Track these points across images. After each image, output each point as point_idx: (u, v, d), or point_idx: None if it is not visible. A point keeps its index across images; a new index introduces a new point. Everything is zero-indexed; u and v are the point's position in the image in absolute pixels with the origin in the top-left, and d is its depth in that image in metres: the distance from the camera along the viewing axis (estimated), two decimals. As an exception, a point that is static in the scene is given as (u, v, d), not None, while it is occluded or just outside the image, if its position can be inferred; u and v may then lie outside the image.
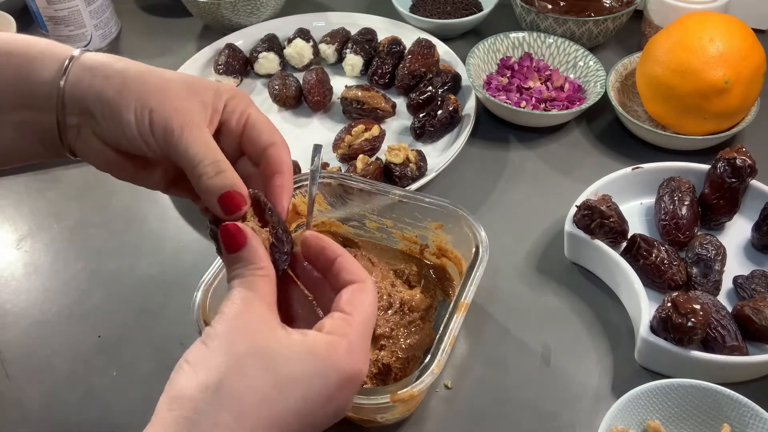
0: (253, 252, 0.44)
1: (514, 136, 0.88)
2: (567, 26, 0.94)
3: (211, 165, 0.45)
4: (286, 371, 0.40)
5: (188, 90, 0.47)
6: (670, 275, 0.67)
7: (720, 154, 0.72)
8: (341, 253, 0.48)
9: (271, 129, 0.51)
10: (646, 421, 0.57)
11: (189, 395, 0.39)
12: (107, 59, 0.47)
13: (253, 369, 0.39)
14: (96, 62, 0.47)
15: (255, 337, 0.40)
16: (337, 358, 0.42)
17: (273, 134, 0.50)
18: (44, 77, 0.46)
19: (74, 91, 0.46)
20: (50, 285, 0.74)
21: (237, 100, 0.49)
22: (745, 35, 0.79)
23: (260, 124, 0.50)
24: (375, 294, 0.47)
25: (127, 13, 1.15)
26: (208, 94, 0.48)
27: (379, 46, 0.98)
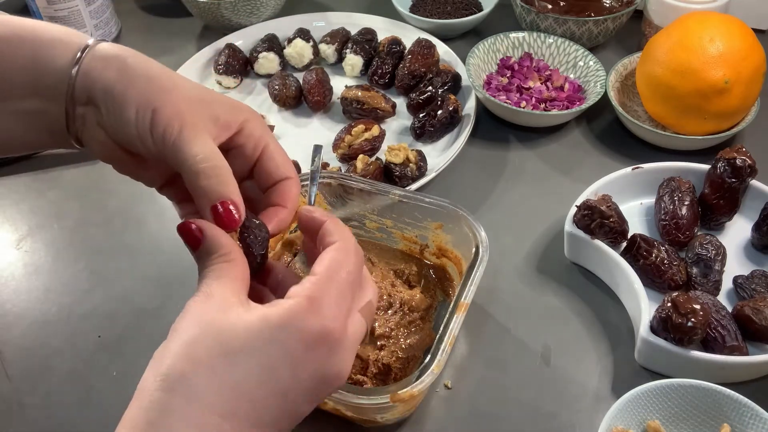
0: (213, 241, 0.43)
1: (514, 136, 0.88)
2: (567, 26, 0.94)
3: (210, 166, 0.44)
4: (236, 343, 0.38)
5: (199, 99, 0.46)
6: (670, 275, 0.67)
7: (720, 154, 0.72)
8: (327, 218, 0.47)
9: (287, 162, 0.50)
10: (646, 421, 0.57)
11: (144, 386, 0.38)
12: (122, 52, 0.46)
13: (201, 348, 0.38)
14: (110, 53, 0.45)
15: (207, 318, 0.39)
16: (296, 320, 0.40)
17: (289, 168, 0.49)
18: (57, 65, 0.45)
19: (84, 81, 0.45)
20: (50, 285, 0.74)
21: (254, 124, 0.48)
22: (745, 35, 0.79)
23: (278, 155, 0.49)
24: (352, 251, 0.45)
25: (127, 13, 1.15)
26: (222, 108, 0.46)
27: (379, 46, 0.98)
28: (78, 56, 0.45)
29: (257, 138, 0.48)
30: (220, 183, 0.44)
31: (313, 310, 0.40)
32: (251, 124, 0.48)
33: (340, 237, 0.45)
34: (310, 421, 0.61)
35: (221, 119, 0.46)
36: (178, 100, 0.44)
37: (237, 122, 0.47)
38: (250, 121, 0.48)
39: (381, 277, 0.67)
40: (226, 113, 0.47)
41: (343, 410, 0.58)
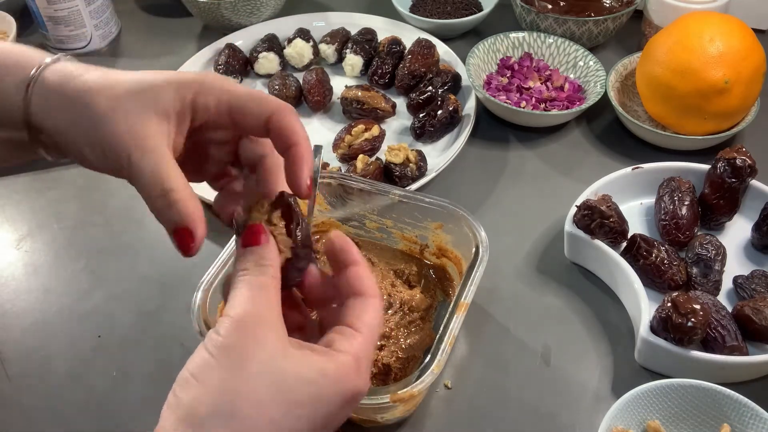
0: (268, 250, 0.42)
1: (514, 136, 0.88)
2: (567, 26, 0.94)
3: (160, 197, 0.42)
4: (297, 394, 0.38)
5: (142, 103, 0.42)
6: (670, 275, 0.67)
7: (720, 154, 0.72)
8: (360, 261, 0.45)
9: (261, 99, 0.45)
10: (646, 421, 0.57)
11: (200, 419, 0.37)
12: (63, 78, 0.43)
13: (264, 392, 0.38)
14: (52, 86, 0.44)
15: (265, 353, 0.38)
16: (346, 380, 0.40)
17: (267, 103, 0.44)
18: (8, 98, 0.44)
19: (36, 120, 0.44)
20: (50, 285, 0.74)
21: (206, 92, 0.44)
22: (745, 35, 0.79)
23: (245, 100, 0.44)
24: (382, 313, 0.45)
25: (127, 13, 1.15)
26: (166, 98, 0.43)
27: (379, 46, 0.98)
28: (27, 91, 0.44)
29: (215, 101, 0.44)
30: (172, 212, 0.42)
31: (358, 371, 0.41)
32: (202, 96, 0.44)
33: (374, 292, 0.44)
34: (310, 421, 0.62)
35: (172, 112, 0.43)
36: (120, 120, 0.42)
37: (188, 103, 0.44)
38: (201, 93, 0.44)
39: (381, 277, 0.67)
40: (173, 101, 0.43)
41: (343, 410, 0.58)
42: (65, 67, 0.44)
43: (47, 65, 0.44)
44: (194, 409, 0.37)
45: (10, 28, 1.01)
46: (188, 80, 0.44)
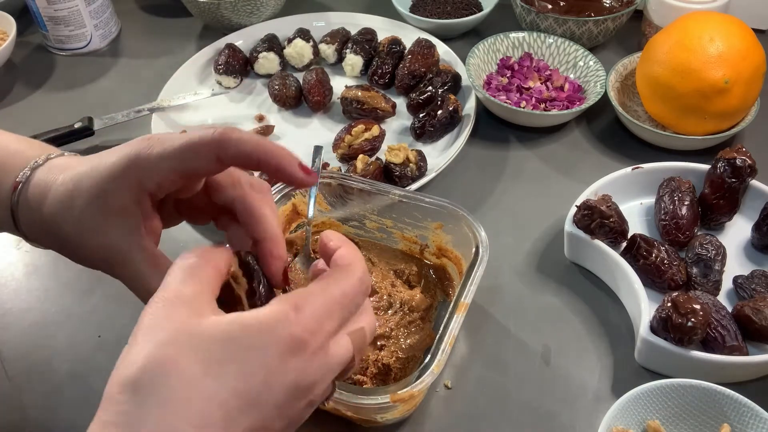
0: None
1: (514, 136, 0.88)
2: (567, 26, 0.94)
3: (147, 298, 0.41)
4: (215, 350, 0.36)
5: (99, 212, 0.45)
6: (670, 275, 0.67)
7: (720, 154, 0.72)
8: (343, 244, 0.45)
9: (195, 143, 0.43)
10: (646, 421, 0.57)
11: (110, 394, 0.37)
12: (39, 197, 0.47)
13: (174, 354, 0.36)
14: (33, 203, 0.47)
15: (178, 322, 0.37)
16: (277, 327, 0.37)
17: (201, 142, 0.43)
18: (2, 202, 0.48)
19: (23, 226, 0.49)
20: (50, 285, 0.74)
21: (146, 171, 0.44)
22: (745, 35, 0.79)
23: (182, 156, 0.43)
24: (357, 277, 0.42)
25: (127, 13, 1.15)
26: (117, 197, 0.44)
27: (379, 46, 0.98)
28: (10, 204, 0.48)
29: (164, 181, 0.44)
30: None
31: (293, 318, 0.38)
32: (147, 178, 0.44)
33: (350, 261, 0.43)
34: (311, 421, 0.61)
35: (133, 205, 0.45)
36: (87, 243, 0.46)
37: (136, 191, 0.45)
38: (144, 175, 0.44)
39: (381, 277, 0.67)
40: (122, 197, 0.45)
41: (343, 410, 0.58)
42: (39, 180, 0.47)
43: (29, 178, 0.48)
44: (108, 387, 0.38)
45: (10, 28, 1.01)
46: (127, 167, 0.44)
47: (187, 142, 0.43)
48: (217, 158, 0.43)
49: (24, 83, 1.02)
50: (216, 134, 0.43)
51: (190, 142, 0.43)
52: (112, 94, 1.00)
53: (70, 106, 0.97)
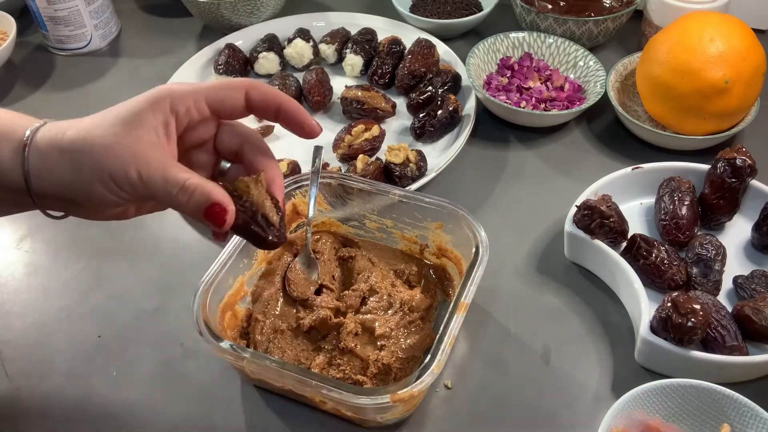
0: None
1: (514, 136, 0.88)
2: (567, 26, 0.94)
3: (180, 193, 0.46)
4: None
5: (129, 127, 0.47)
6: (670, 275, 0.67)
7: (720, 154, 0.72)
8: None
9: (231, 83, 0.50)
10: (647, 421, 0.57)
11: None
12: (53, 138, 0.47)
13: None
14: (46, 145, 0.47)
15: None
16: None
17: (238, 84, 0.50)
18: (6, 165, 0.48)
19: (36, 180, 0.48)
20: (50, 285, 0.74)
21: (179, 98, 0.48)
22: (745, 35, 0.79)
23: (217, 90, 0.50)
24: None
25: (127, 13, 1.15)
26: (147, 116, 0.47)
27: (379, 46, 0.98)
28: (21, 159, 0.47)
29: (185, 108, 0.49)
30: (196, 199, 0.46)
31: None
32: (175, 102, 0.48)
33: None
34: (311, 421, 0.62)
35: (159, 124, 0.48)
36: (120, 151, 0.46)
37: (168, 112, 0.48)
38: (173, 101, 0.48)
39: (381, 277, 0.67)
40: (154, 115, 0.47)
41: (343, 410, 0.58)
42: (49, 129, 0.48)
43: (36, 129, 0.48)
44: None
45: (10, 28, 1.01)
46: (160, 95, 0.48)
47: (221, 80, 0.51)
48: (246, 96, 0.50)
49: (24, 83, 1.02)
50: (247, 78, 0.51)
51: (223, 80, 0.51)
52: (112, 94, 1.00)
53: (70, 106, 0.97)
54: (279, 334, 0.64)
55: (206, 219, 0.46)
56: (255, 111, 0.51)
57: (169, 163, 0.47)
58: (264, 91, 0.50)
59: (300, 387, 0.55)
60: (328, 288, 0.67)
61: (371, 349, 0.61)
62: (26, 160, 0.47)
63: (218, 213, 0.46)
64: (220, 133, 0.53)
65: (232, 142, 0.53)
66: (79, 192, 0.47)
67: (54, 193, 0.48)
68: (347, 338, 0.62)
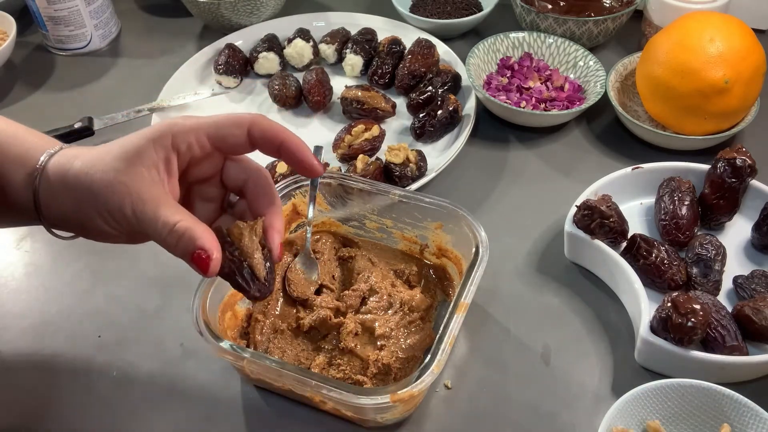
0: None
1: (514, 136, 0.88)
2: (567, 26, 0.94)
3: (170, 235, 0.46)
4: None
5: (129, 163, 0.47)
6: (670, 275, 0.67)
7: (720, 154, 0.72)
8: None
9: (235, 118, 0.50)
10: (646, 421, 0.57)
11: None
12: (61, 169, 0.49)
13: None
14: (55, 177, 0.49)
15: None
16: None
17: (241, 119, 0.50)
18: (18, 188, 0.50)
19: (44, 206, 0.50)
20: (50, 285, 0.74)
21: (181, 134, 0.49)
22: (745, 35, 0.79)
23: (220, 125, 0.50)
24: None
25: (127, 13, 1.15)
26: (148, 152, 0.48)
27: (379, 46, 0.98)
28: (32, 187, 0.50)
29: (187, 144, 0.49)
30: (184, 243, 0.46)
31: None
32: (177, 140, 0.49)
33: None
34: (311, 421, 0.62)
35: (160, 161, 0.48)
36: (118, 188, 0.47)
37: (168, 149, 0.49)
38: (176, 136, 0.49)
39: (381, 277, 0.67)
40: (155, 153, 0.48)
41: (343, 410, 0.58)
42: (60, 157, 0.50)
43: (50, 156, 0.50)
44: None
45: (10, 28, 1.01)
46: (162, 131, 0.49)
47: (224, 116, 0.51)
48: (248, 132, 0.50)
49: (24, 83, 1.02)
50: (250, 114, 0.51)
51: (226, 116, 0.51)
52: (112, 94, 1.00)
53: (70, 106, 0.97)
54: (279, 334, 0.64)
55: (193, 263, 0.47)
56: (258, 147, 0.51)
57: (164, 203, 0.47)
58: (265, 128, 0.50)
59: (300, 387, 0.55)
60: (328, 288, 0.67)
61: (371, 349, 0.61)
62: (37, 189, 0.49)
63: (204, 260, 0.46)
64: (226, 167, 0.53)
65: (237, 177, 0.53)
66: (82, 223, 0.49)
67: (61, 221, 0.50)
68: (347, 338, 0.62)
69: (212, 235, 0.47)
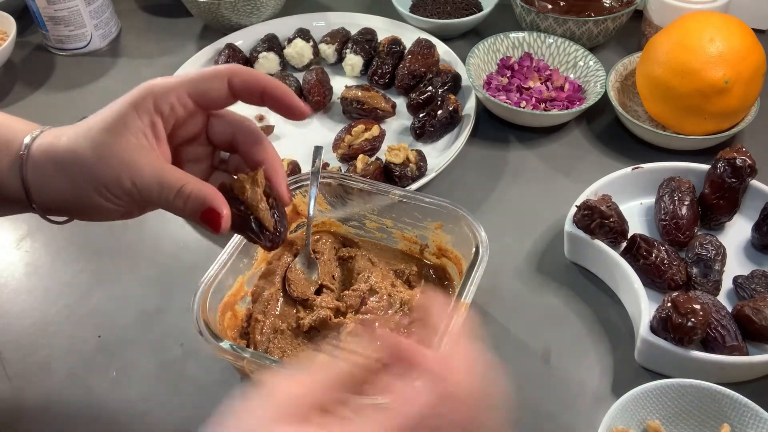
0: None
1: (514, 136, 0.88)
2: (567, 26, 0.94)
3: (177, 198, 0.46)
4: None
5: (116, 132, 0.46)
6: (670, 275, 0.67)
7: (720, 154, 0.72)
8: None
9: (213, 72, 0.48)
10: (646, 421, 0.57)
11: None
12: (48, 148, 0.47)
13: None
14: (41, 157, 0.47)
15: None
16: None
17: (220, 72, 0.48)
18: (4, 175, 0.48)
19: (35, 189, 0.48)
20: (50, 285, 0.74)
21: (162, 96, 0.47)
22: (745, 35, 0.79)
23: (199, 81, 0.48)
24: None
25: (127, 13, 1.15)
26: (132, 119, 0.47)
27: (379, 46, 0.98)
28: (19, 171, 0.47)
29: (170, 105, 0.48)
30: (192, 204, 0.46)
31: None
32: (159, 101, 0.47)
33: None
34: (310, 421, 0.61)
35: (146, 125, 0.47)
36: (110, 159, 0.46)
37: (152, 113, 0.47)
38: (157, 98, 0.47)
39: (381, 277, 0.67)
40: (139, 117, 0.47)
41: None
42: (44, 138, 0.48)
43: (33, 139, 0.48)
44: None
45: (10, 28, 1.01)
46: (142, 94, 0.47)
47: (201, 71, 0.49)
48: (228, 83, 0.48)
49: (24, 83, 1.02)
50: (227, 65, 0.49)
51: (204, 70, 0.49)
52: (112, 94, 0.98)
53: (70, 106, 0.97)
54: (279, 334, 0.64)
55: (203, 223, 0.46)
56: (240, 98, 0.49)
57: (162, 168, 0.46)
58: (246, 77, 0.48)
59: (300, 387, 0.55)
60: (328, 288, 0.67)
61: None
62: (25, 174, 0.47)
63: (214, 218, 0.46)
64: (210, 124, 0.52)
65: (224, 132, 0.51)
66: (79, 202, 0.47)
67: (56, 203, 0.49)
68: (347, 338, 0.62)
69: (218, 192, 0.47)
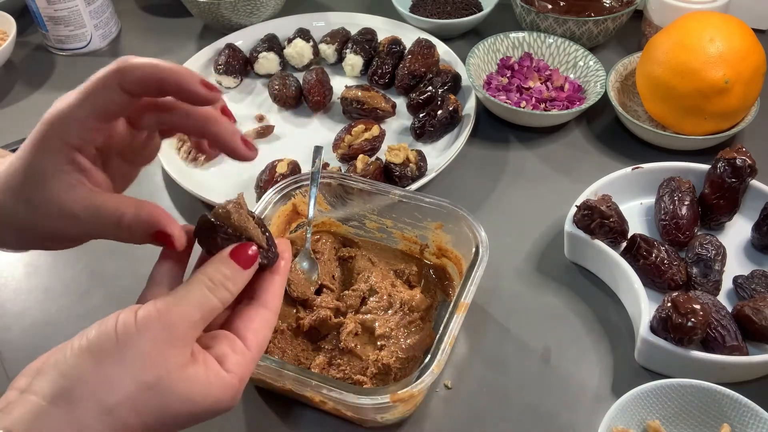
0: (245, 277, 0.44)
1: (514, 136, 0.88)
2: (567, 26, 0.94)
3: (120, 231, 0.43)
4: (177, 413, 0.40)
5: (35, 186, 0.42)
6: (670, 275, 0.67)
7: (720, 154, 0.72)
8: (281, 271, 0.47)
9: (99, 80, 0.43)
10: (646, 421, 0.57)
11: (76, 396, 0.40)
12: None
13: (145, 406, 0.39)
14: None
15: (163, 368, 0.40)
16: (224, 400, 0.41)
17: None
18: None
19: None
20: (50, 285, 0.74)
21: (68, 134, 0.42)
22: (745, 35, 0.79)
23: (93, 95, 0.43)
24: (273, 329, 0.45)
25: (127, 13, 1.15)
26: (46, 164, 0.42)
27: (379, 46, 0.98)
28: None
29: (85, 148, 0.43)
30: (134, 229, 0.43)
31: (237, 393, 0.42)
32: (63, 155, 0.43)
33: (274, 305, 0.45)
34: (311, 421, 0.62)
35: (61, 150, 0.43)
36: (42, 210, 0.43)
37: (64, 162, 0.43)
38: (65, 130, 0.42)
39: (381, 277, 0.67)
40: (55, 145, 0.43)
41: (343, 410, 0.58)
42: None
43: None
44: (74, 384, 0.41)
45: (10, 28, 1.01)
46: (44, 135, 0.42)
47: (87, 84, 0.43)
48: (120, 88, 0.43)
49: (24, 83, 1.02)
50: (112, 64, 0.44)
51: (89, 83, 0.43)
52: (112, 94, 0.99)
53: (70, 106, 0.97)
54: (279, 334, 0.64)
55: (158, 244, 0.44)
56: (143, 96, 0.45)
57: (94, 205, 0.43)
58: (135, 72, 0.44)
59: (300, 387, 0.55)
60: (328, 288, 0.67)
61: (371, 349, 0.61)
62: None
63: (167, 240, 0.44)
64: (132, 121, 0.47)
65: (147, 122, 0.47)
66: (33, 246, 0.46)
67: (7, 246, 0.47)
68: (347, 338, 0.62)
69: (161, 212, 0.43)
